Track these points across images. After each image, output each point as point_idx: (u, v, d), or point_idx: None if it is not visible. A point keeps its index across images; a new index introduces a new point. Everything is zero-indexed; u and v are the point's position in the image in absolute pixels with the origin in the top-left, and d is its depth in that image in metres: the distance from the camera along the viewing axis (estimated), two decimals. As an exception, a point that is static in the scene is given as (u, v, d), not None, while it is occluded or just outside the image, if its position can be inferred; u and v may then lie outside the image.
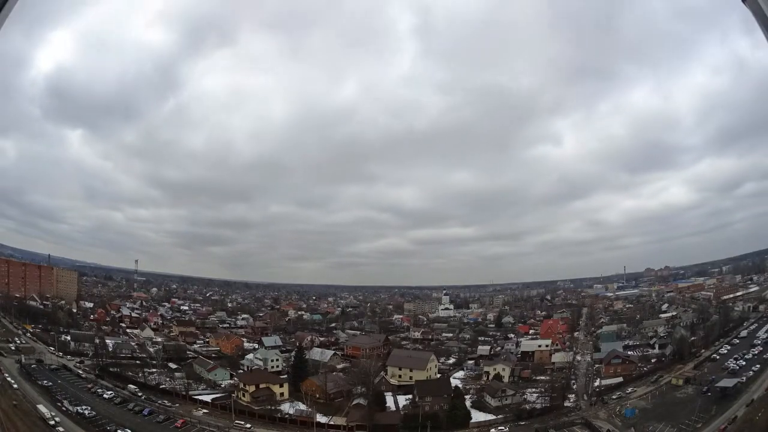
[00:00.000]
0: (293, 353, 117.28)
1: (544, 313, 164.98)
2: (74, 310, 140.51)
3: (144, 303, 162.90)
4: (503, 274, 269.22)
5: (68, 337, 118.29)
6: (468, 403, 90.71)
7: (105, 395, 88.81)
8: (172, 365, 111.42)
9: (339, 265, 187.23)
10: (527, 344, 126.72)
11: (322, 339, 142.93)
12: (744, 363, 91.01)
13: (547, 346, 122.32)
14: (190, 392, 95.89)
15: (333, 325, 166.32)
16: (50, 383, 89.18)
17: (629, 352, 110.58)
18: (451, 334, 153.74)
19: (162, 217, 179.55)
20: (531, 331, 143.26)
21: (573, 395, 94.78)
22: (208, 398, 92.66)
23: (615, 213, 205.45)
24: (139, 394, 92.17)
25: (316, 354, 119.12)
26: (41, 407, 75.92)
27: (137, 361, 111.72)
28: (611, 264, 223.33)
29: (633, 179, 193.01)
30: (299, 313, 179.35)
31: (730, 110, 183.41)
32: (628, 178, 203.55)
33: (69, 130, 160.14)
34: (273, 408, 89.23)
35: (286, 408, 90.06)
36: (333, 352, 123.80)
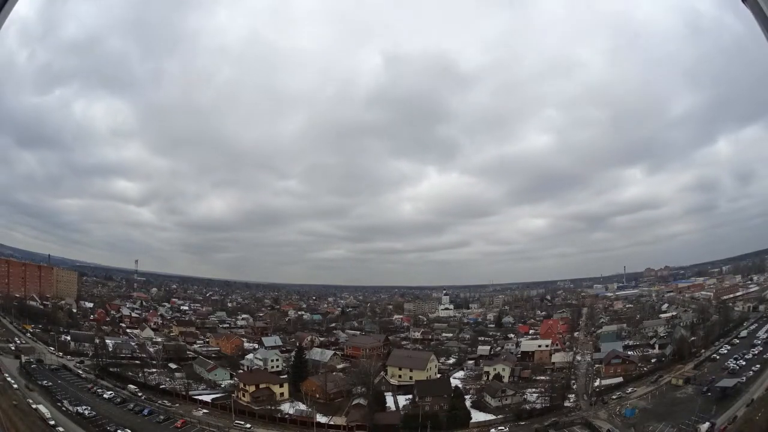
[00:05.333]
0: (293, 353, 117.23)
1: (544, 313, 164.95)
2: (74, 310, 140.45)
3: (144, 303, 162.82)
4: (503, 274, 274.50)
5: (68, 337, 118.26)
6: (468, 403, 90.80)
7: (105, 395, 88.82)
8: (172, 365, 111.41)
9: (316, 267, 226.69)
10: (527, 344, 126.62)
11: (322, 339, 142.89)
12: (744, 363, 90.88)
13: (547, 346, 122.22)
14: (190, 392, 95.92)
15: (333, 325, 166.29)
16: (50, 383, 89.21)
17: (629, 352, 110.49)
18: (451, 334, 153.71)
19: (168, 234, 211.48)
20: (531, 331, 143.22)
21: (573, 395, 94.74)
22: (208, 398, 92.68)
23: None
24: (139, 394, 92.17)
25: (316, 354, 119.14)
26: (41, 407, 75.95)
27: (137, 361, 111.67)
28: (611, 264, 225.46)
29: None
30: (299, 313, 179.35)
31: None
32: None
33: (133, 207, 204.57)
34: (273, 408, 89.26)
35: (286, 408, 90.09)
36: (333, 352, 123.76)
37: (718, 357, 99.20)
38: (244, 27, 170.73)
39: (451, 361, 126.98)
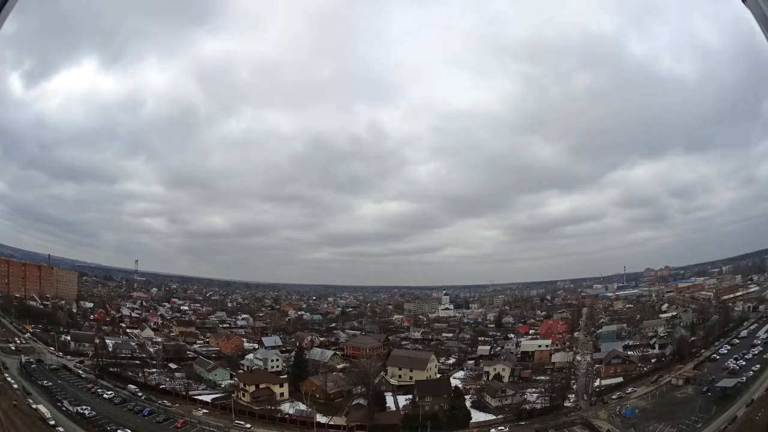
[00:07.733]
0: (293, 353, 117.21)
1: (544, 313, 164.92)
2: (74, 310, 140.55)
3: (144, 303, 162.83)
4: (503, 274, 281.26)
5: (68, 337, 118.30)
6: (468, 403, 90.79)
7: (105, 395, 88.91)
8: (172, 365, 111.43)
9: (315, 267, 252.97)
10: (527, 344, 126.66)
11: (322, 339, 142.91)
12: (744, 363, 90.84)
13: (547, 346, 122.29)
14: (190, 392, 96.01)
15: (333, 325, 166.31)
16: (50, 383, 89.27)
17: (629, 352, 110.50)
18: (451, 334, 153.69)
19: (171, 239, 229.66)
20: (531, 331, 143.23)
21: (573, 395, 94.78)
22: (208, 398, 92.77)
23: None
24: (139, 394, 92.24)
25: (316, 354, 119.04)
26: (41, 407, 75.97)
27: (137, 361, 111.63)
28: (611, 264, 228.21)
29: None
30: (299, 313, 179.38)
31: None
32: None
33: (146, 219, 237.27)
34: (273, 408, 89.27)
35: (286, 408, 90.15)
36: (333, 352, 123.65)
37: (718, 357, 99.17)
38: (229, 128, 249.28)
39: (451, 361, 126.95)
